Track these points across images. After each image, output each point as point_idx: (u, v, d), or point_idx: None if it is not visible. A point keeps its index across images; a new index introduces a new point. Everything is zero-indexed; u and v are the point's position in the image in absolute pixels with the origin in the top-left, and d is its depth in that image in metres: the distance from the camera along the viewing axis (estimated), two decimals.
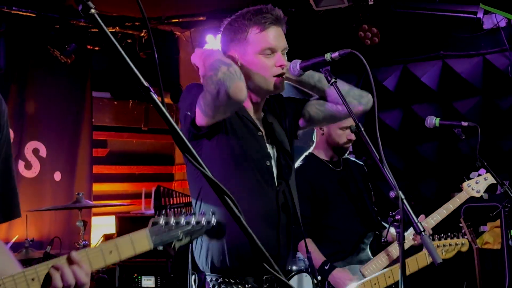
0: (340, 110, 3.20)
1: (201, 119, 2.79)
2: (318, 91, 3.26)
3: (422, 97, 7.59)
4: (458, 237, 4.47)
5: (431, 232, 4.30)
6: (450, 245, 4.43)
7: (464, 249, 4.46)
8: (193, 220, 2.10)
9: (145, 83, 1.58)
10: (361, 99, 3.21)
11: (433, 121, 4.70)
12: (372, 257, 4.32)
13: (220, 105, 2.70)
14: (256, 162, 2.96)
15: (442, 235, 4.46)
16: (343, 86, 3.10)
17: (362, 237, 4.37)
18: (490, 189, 4.74)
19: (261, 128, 3.09)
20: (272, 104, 3.25)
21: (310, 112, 3.28)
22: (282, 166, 3.09)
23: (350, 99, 3.14)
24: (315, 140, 4.66)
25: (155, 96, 1.58)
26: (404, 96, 7.70)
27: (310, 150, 4.64)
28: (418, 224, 2.60)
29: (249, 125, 3.02)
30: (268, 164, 3.02)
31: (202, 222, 2.13)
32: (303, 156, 4.61)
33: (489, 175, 4.59)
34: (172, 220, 2.06)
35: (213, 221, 2.17)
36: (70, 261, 1.91)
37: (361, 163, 4.80)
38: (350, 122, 4.42)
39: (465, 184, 4.55)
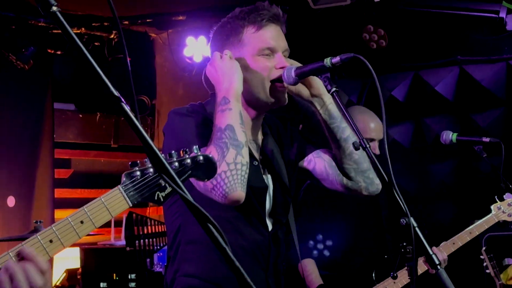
0: (343, 183, 3.19)
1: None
2: (334, 139, 3.19)
3: (436, 109, 7.61)
4: None
5: (446, 258, 4.32)
6: None
7: None
8: (174, 160, 2.04)
9: (115, 93, 1.58)
10: (370, 185, 3.19)
11: (449, 136, 4.72)
12: (376, 283, 4.34)
13: (209, 195, 2.72)
14: (249, 196, 2.95)
15: None
16: (362, 162, 3.12)
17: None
18: None
19: (258, 156, 3.07)
20: (275, 129, 3.25)
21: (316, 164, 3.27)
22: (277, 202, 3.07)
23: (360, 178, 3.14)
24: None
25: (127, 108, 1.58)
26: (416, 108, 7.72)
27: None
28: (433, 256, 2.60)
29: None
30: (262, 199, 3.01)
31: (187, 161, 2.08)
32: None
33: None
34: (150, 167, 2.00)
35: (201, 157, 2.11)
36: (21, 258, 1.86)
37: None
38: (375, 134, 4.43)
39: (495, 206, 4.54)
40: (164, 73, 8.81)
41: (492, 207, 4.58)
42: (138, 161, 2.02)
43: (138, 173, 1.99)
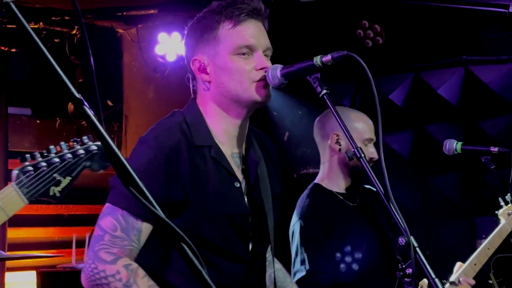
0: None
1: None
2: None
3: (439, 115, 7.65)
4: None
5: (473, 282, 4.34)
6: None
7: None
8: (66, 152, 2.03)
9: (77, 94, 1.57)
10: None
11: (453, 146, 4.73)
12: None
13: None
14: (227, 225, 2.94)
15: None
16: None
17: None
18: None
19: (240, 173, 3.06)
20: (261, 143, 3.24)
21: None
22: (258, 228, 3.06)
23: None
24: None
25: (89, 112, 1.57)
26: (416, 114, 7.76)
27: (315, 181, 4.59)
28: (436, 280, 2.60)
29: (223, 174, 2.96)
30: (244, 227, 3.00)
31: (80, 151, 2.07)
32: (308, 190, 4.55)
33: None
34: (41, 161, 1.99)
35: (94, 147, 2.10)
36: None
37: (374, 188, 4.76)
38: (371, 132, 4.43)
39: (504, 213, 4.53)
40: (132, 73, 8.78)
41: (499, 215, 4.57)
42: (27, 155, 2.02)
43: (31, 168, 1.99)
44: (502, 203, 4.61)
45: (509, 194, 4.69)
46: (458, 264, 4.29)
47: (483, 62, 7.44)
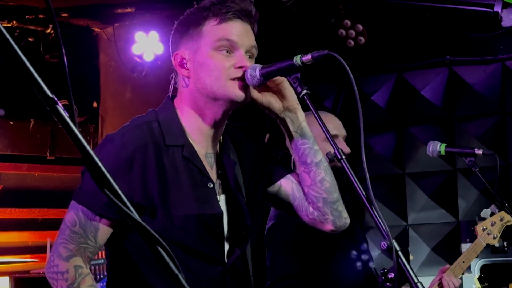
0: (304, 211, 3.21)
1: None
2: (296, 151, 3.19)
3: (422, 116, 7.67)
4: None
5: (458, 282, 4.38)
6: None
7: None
8: None
9: (49, 93, 1.56)
10: (337, 219, 3.18)
11: (437, 147, 4.75)
12: None
13: None
14: (201, 226, 2.93)
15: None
16: (333, 192, 3.13)
17: None
18: (508, 237, 4.80)
19: (213, 174, 3.04)
20: (238, 144, 3.23)
21: (282, 186, 3.26)
22: (233, 228, 3.05)
23: (328, 209, 3.14)
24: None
25: (62, 111, 1.56)
26: (399, 115, 7.78)
27: None
28: (419, 285, 2.60)
29: (195, 174, 2.95)
30: (218, 228, 2.99)
31: None
32: None
33: (504, 215, 4.64)
34: None
35: None
36: None
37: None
38: (338, 130, 4.44)
39: (479, 228, 4.57)
40: (109, 73, 8.76)
41: (477, 228, 4.61)
42: None
43: None
44: (477, 220, 4.67)
45: (484, 210, 4.73)
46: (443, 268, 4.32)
47: (468, 63, 7.48)
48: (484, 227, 4.58)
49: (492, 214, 4.69)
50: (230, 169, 3.08)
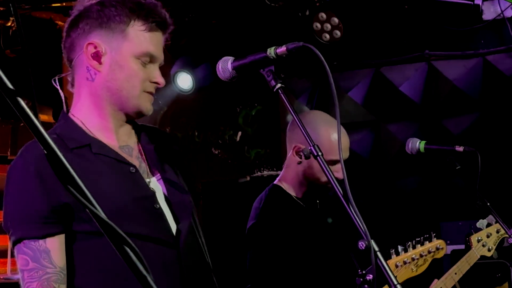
0: None
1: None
2: None
3: (400, 113, 7.70)
4: (429, 240, 4.42)
5: None
6: (421, 255, 4.37)
7: (440, 255, 4.40)
8: None
9: (10, 85, 1.54)
10: None
11: (416, 145, 4.76)
12: None
13: None
14: (135, 210, 2.92)
15: (408, 243, 4.40)
16: None
17: None
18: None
19: (134, 161, 3.03)
20: (155, 139, 3.22)
21: None
22: (173, 203, 3.06)
23: None
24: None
25: (24, 104, 1.54)
26: (377, 112, 7.80)
27: (275, 182, 4.60)
28: (398, 286, 2.61)
29: (112, 165, 2.95)
30: (157, 207, 2.99)
31: None
32: (266, 191, 4.56)
33: (499, 227, 4.64)
34: None
35: None
36: None
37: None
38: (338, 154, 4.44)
39: (474, 239, 4.57)
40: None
41: (471, 239, 4.60)
42: None
43: None
44: (472, 231, 4.67)
45: (480, 220, 4.74)
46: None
47: (447, 57, 7.51)
48: (479, 238, 4.57)
49: (489, 225, 4.70)
50: (151, 152, 3.10)
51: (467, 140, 7.16)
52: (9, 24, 7.97)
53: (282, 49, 2.81)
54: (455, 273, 4.50)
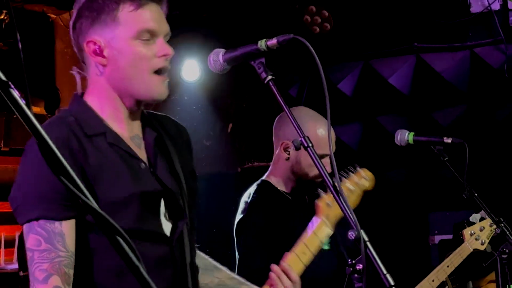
0: None
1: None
2: None
3: (389, 105, 7.71)
4: (354, 172, 4.23)
5: None
6: (349, 189, 4.25)
7: (369, 184, 4.26)
8: None
9: (3, 77, 1.53)
10: None
11: (405, 136, 4.77)
12: None
13: None
14: (140, 206, 2.90)
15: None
16: None
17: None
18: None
19: (143, 156, 3.01)
20: (158, 123, 3.20)
21: None
22: (174, 203, 3.05)
23: None
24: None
25: (16, 94, 1.54)
26: (366, 104, 7.81)
27: (263, 177, 4.61)
28: (387, 276, 2.61)
29: (125, 158, 2.93)
30: (158, 205, 2.99)
31: None
32: (254, 185, 4.58)
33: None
34: None
35: None
36: None
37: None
38: (327, 148, 4.46)
39: (467, 232, 4.56)
40: (66, 61, 8.70)
41: (464, 233, 4.60)
42: None
43: None
44: (465, 224, 4.67)
45: (473, 215, 4.74)
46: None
47: (436, 50, 7.51)
48: (472, 231, 4.57)
49: (482, 219, 4.69)
50: (152, 147, 3.06)
51: (455, 131, 7.17)
52: (1, 17, 7.95)
53: (273, 41, 2.81)
54: (447, 266, 4.52)
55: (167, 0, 3.01)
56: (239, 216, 4.44)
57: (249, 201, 4.48)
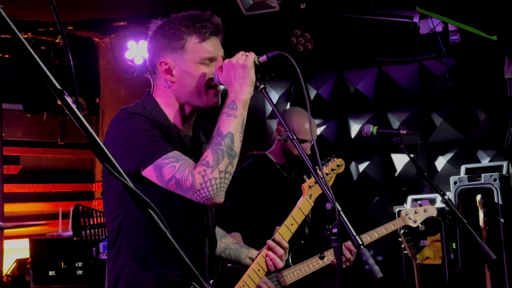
0: None
1: (155, 179, 2.69)
2: None
3: (358, 106, 7.70)
4: (331, 161, 4.17)
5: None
6: (327, 174, 4.19)
7: (341, 170, 4.22)
8: None
9: (58, 86, 1.54)
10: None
11: (370, 129, 4.76)
12: (291, 265, 4.34)
13: (188, 193, 2.64)
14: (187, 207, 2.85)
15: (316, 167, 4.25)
16: None
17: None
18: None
19: (191, 152, 2.95)
20: (205, 128, 3.19)
21: None
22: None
23: None
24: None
25: (69, 100, 1.54)
26: (340, 106, 7.80)
27: (265, 152, 4.80)
28: (357, 237, 2.61)
29: (183, 151, 2.86)
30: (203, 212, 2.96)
31: None
32: (255, 156, 4.76)
33: (429, 207, 4.57)
34: None
35: None
36: None
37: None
38: (308, 136, 4.50)
39: (403, 212, 4.53)
40: (107, 75, 8.72)
41: (401, 211, 4.56)
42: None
43: None
44: (405, 206, 4.62)
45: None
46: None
47: (393, 63, 7.51)
48: (407, 212, 4.53)
49: (420, 206, 4.63)
50: (201, 147, 3.04)
51: (408, 126, 7.18)
52: (57, 41, 7.95)
53: (263, 57, 2.79)
54: (376, 234, 4.45)
55: (223, 32, 2.97)
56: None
57: (243, 165, 4.68)
